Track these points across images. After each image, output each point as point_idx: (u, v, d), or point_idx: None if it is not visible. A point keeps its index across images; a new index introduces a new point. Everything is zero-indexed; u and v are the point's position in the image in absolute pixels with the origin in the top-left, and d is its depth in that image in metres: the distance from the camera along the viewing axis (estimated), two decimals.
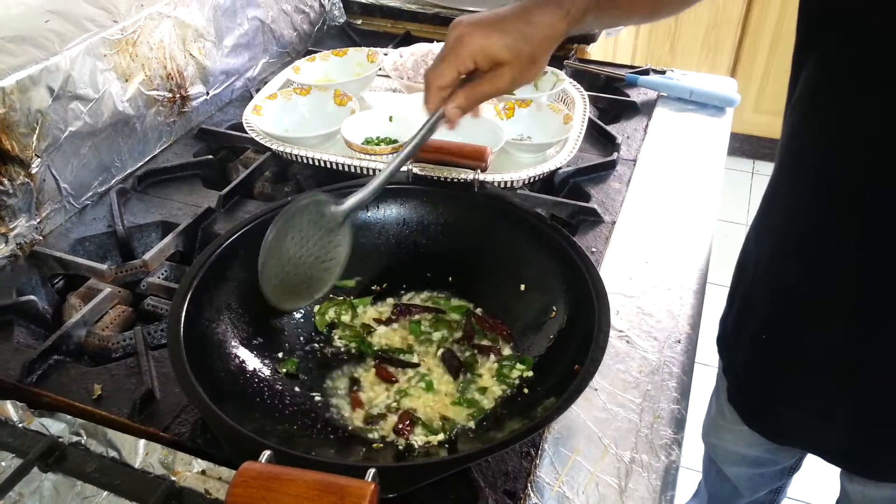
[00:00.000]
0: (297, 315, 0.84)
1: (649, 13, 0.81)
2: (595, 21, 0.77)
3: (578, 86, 1.24)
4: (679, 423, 0.75)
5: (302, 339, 0.82)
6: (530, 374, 0.76)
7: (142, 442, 0.67)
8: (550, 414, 0.62)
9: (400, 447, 0.70)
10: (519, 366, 0.77)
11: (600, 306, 0.71)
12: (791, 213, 0.80)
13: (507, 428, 0.67)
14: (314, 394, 0.76)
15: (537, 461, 0.70)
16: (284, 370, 0.77)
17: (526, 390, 0.74)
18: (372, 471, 0.52)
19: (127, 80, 1.08)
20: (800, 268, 0.79)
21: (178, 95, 1.20)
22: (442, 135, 1.05)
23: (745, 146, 3.14)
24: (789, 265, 0.81)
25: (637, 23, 0.78)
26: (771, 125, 2.99)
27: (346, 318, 0.85)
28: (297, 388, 0.76)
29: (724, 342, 1.00)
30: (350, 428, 0.72)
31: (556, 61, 1.43)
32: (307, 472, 0.51)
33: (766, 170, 3.13)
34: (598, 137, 1.22)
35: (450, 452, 0.69)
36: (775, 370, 0.88)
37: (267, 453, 0.54)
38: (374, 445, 0.70)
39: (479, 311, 0.85)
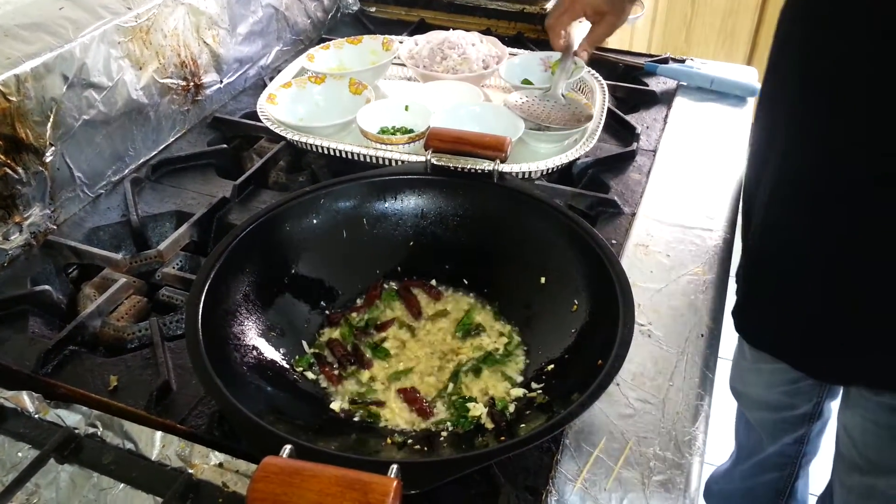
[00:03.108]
0: (314, 307, 0.83)
1: None
2: None
3: (597, 74, 1.22)
4: (702, 419, 0.74)
5: (318, 331, 0.82)
6: (551, 367, 0.74)
7: (158, 434, 0.67)
8: (573, 410, 0.60)
9: (414, 438, 0.69)
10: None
11: (624, 300, 0.69)
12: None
13: (530, 424, 0.66)
14: (329, 386, 0.75)
15: (558, 457, 0.69)
16: (300, 368, 0.76)
17: (553, 381, 0.72)
18: (394, 466, 0.51)
19: (141, 68, 1.07)
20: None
21: (191, 83, 1.19)
22: (458, 125, 1.04)
23: None
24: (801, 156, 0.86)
25: None
26: None
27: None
28: (313, 380, 0.75)
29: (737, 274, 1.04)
30: (368, 421, 0.72)
31: None
32: (329, 468, 0.50)
33: None
34: (617, 127, 1.20)
35: (468, 446, 0.68)
36: (766, 281, 0.95)
37: (288, 448, 0.53)
38: (389, 440, 0.69)
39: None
